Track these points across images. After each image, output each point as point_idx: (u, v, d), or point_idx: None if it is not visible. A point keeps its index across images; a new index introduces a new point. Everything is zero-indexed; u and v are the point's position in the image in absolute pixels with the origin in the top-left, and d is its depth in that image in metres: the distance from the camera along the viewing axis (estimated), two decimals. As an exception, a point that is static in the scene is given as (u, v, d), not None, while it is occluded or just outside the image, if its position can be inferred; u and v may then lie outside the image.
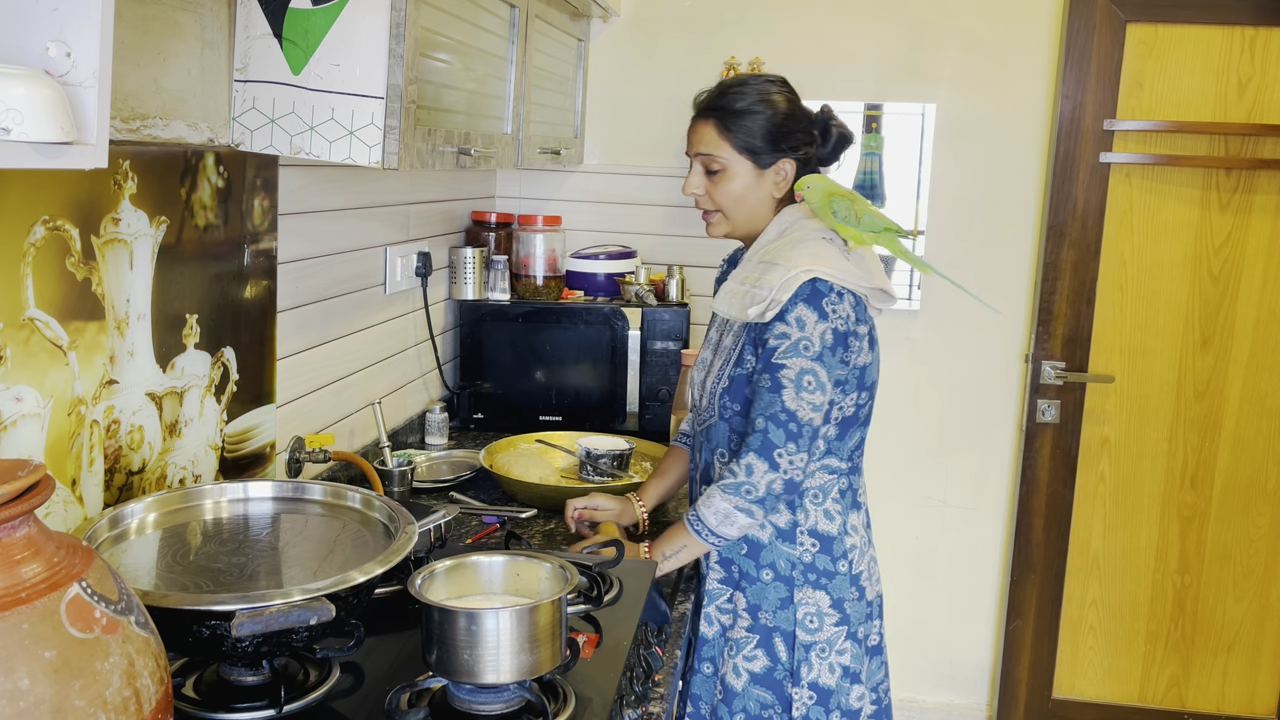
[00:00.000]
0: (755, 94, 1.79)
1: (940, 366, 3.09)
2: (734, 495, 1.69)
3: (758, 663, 1.80)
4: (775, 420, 1.68)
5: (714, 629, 1.84)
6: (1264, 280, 2.93)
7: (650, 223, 3.10)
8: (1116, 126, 2.87)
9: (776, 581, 1.79)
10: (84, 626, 0.87)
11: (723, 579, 1.84)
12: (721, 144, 1.79)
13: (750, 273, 1.77)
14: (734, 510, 1.70)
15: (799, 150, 1.81)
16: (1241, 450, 3.01)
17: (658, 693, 1.51)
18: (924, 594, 3.21)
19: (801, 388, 1.67)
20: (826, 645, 1.79)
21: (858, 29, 2.97)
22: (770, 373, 1.69)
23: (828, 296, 1.69)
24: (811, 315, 1.68)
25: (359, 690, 1.35)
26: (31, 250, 1.27)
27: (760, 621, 1.80)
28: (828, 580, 1.79)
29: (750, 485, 1.68)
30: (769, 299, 1.69)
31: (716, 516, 1.71)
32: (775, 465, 1.68)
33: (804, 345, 1.68)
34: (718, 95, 1.82)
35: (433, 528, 1.71)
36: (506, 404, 2.78)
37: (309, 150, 1.65)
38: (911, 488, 3.16)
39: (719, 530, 1.71)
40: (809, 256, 1.71)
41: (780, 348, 1.69)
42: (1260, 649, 3.10)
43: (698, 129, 1.83)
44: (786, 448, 1.67)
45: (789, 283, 1.68)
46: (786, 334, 1.69)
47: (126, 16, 1.42)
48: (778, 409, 1.68)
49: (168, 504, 1.47)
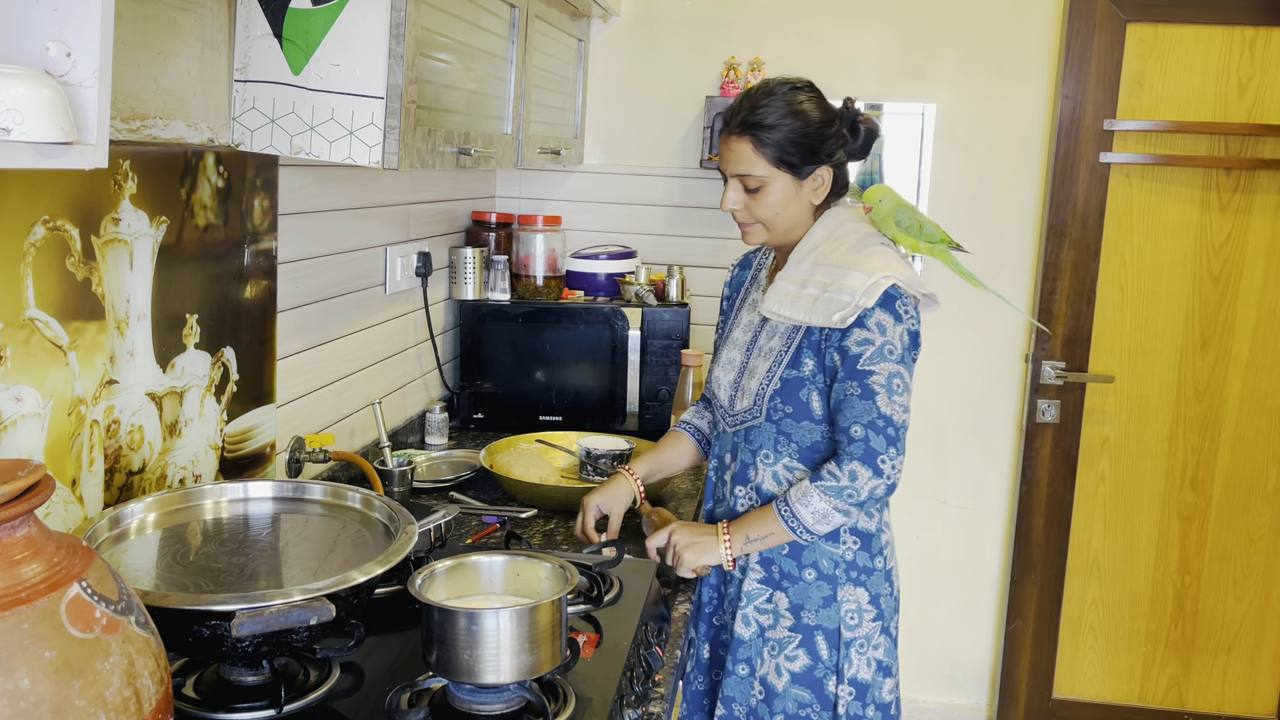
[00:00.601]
0: (786, 105, 1.76)
1: (940, 367, 3.09)
2: (835, 498, 1.71)
3: (799, 662, 1.81)
4: (874, 427, 1.70)
5: (751, 630, 1.84)
6: (1264, 280, 2.93)
7: (650, 223, 3.10)
8: (1116, 126, 2.87)
9: (819, 580, 1.80)
10: (84, 626, 0.87)
11: (763, 579, 1.83)
12: (758, 161, 1.76)
13: (812, 275, 1.76)
14: (833, 511, 1.72)
15: (833, 156, 1.80)
16: (1241, 450, 3.01)
17: (658, 693, 1.51)
18: (924, 594, 3.21)
19: (893, 391, 1.70)
20: (865, 641, 1.81)
21: (858, 29, 2.97)
22: (858, 380, 1.70)
23: (900, 300, 1.72)
24: (889, 319, 1.70)
25: (359, 690, 1.35)
26: (31, 250, 1.27)
27: (803, 621, 1.80)
28: (867, 577, 1.81)
29: (853, 490, 1.71)
30: (852, 304, 1.69)
31: (814, 516, 1.72)
32: (880, 472, 1.70)
33: (888, 349, 1.70)
34: (749, 110, 1.76)
35: (433, 528, 1.71)
36: (506, 404, 2.78)
37: (309, 150, 1.65)
38: (911, 488, 3.16)
39: (814, 528, 1.74)
40: (882, 263, 1.72)
41: (865, 354, 1.70)
42: (1260, 649, 3.10)
43: (732, 147, 1.78)
44: (888, 453, 1.70)
45: (872, 289, 1.69)
46: (870, 340, 1.70)
47: (126, 16, 1.42)
48: (875, 415, 1.70)
49: (168, 504, 1.47)
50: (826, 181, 1.80)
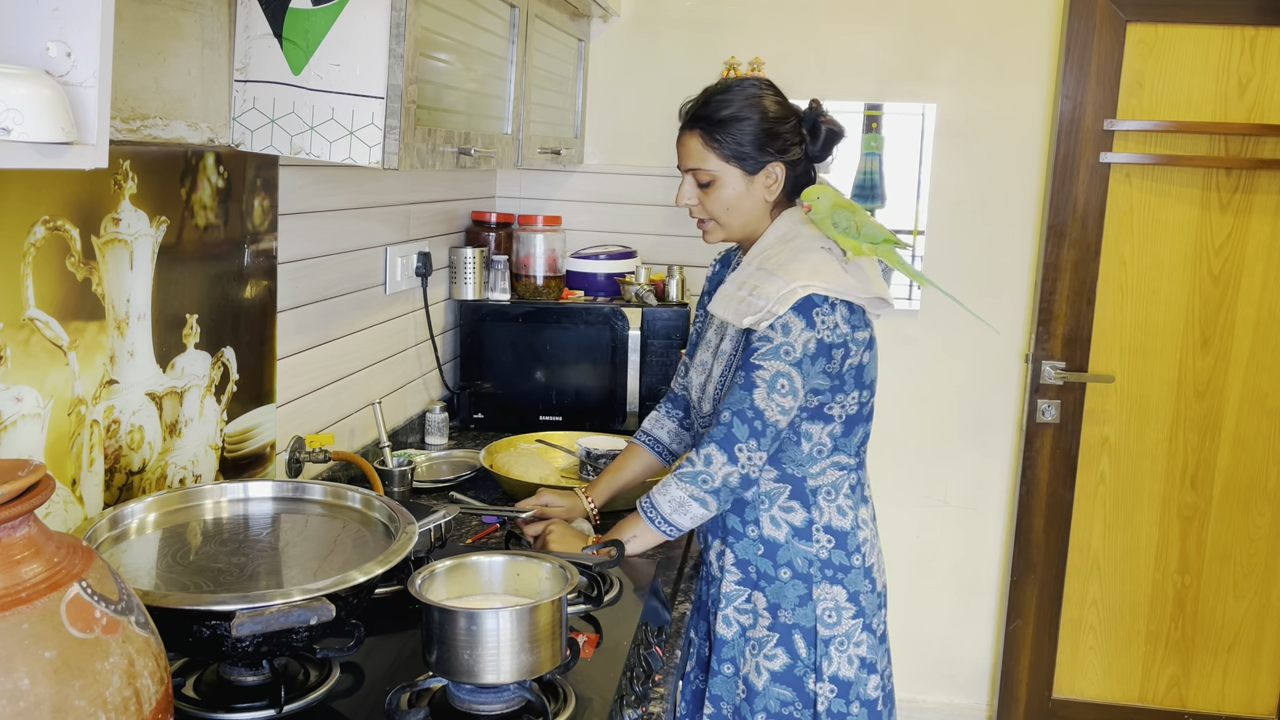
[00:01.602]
0: (739, 100, 1.78)
1: (940, 367, 3.09)
2: (690, 484, 1.71)
3: (778, 661, 1.81)
4: (741, 416, 1.70)
5: (733, 630, 1.85)
6: (1264, 280, 2.93)
7: (650, 223, 3.10)
8: (1116, 126, 2.87)
9: (795, 579, 1.80)
10: (84, 626, 0.87)
11: (740, 580, 1.84)
12: (708, 155, 1.78)
13: (749, 278, 1.77)
14: (689, 499, 1.71)
15: (787, 152, 1.80)
16: (1241, 450, 3.01)
17: (658, 693, 1.51)
18: (924, 594, 3.21)
19: (774, 389, 1.70)
20: (845, 638, 1.81)
21: (858, 29, 2.97)
22: (746, 371, 1.71)
23: (819, 308, 1.71)
24: (799, 323, 1.70)
25: (359, 690, 1.35)
26: (32, 250, 1.27)
27: (780, 620, 1.81)
28: (843, 575, 1.81)
29: (707, 475, 1.70)
30: (765, 309, 1.70)
31: (671, 504, 1.73)
32: (734, 459, 1.70)
33: (785, 350, 1.70)
34: (701, 105, 1.80)
35: (433, 528, 1.71)
36: (506, 404, 2.78)
37: (309, 150, 1.65)
38: (911, 488, 3.16)
39: (672, 518, 1.73)
40: (808, 270, 1.71)
41: (761, 349, 1.71)
42: (1260, 649, 3.10)
43: (684, 141, 1.82)
44: (748, 444, 1.69)
45: (785, 297, 1.69)
46: (769, 337, 1.70)
47: (126, 16, 1.42)
48: (746, 405, 1.70)
49: (168, 504, 1.47)
50: (780, 178, 1.81)
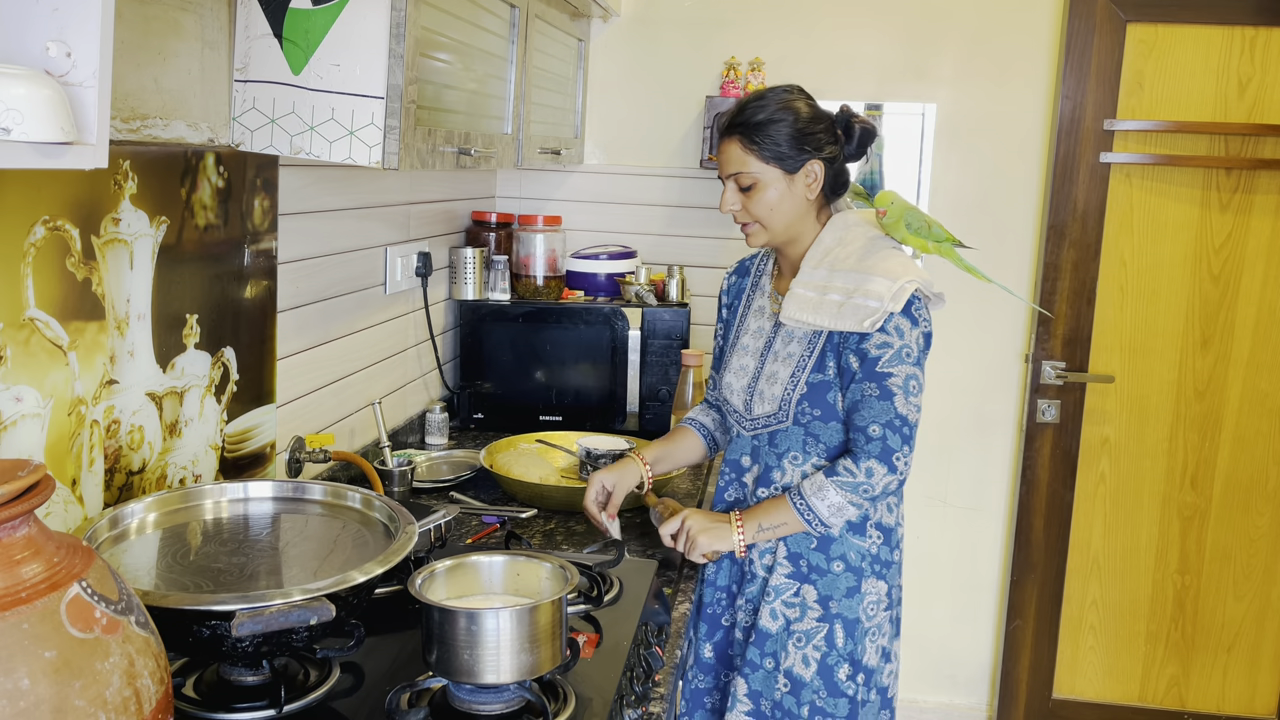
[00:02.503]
0: (774, 103, 1.82)
1: (941, 367, 3.09)
2: (852, 493, 1.77)
3: (821, 651, 1.86)
4: (891, 426, 1.76)
5: (778, 623, 1.87)
6: (1264, 280, 2.93)
7: (650, 223, 3.10)
8: (1116, 126, 2.87)
9: (847, 572, 1.85)
10: (84, 626, 0.87)
11: (791, 574, 1.87)
12: (748, 158, 1.81)
13: (832, 281, 1.81)
14: (848, 505, 1.78)
15: (824, 150, 1.83)
16: (1241, 450, 3.01)
17: (658, 693, 1.51)
18: (924, 594, 3.21)
19: (909, 392, 1.77)
20: (877, 630, 1.88)
21: (858, 29, 2.97)
22: (877, 381, 1.76)
23: (916, 304, 1.78)
24: (907, 323, 1.76)
25: (359, 690, 1.35)
26: (32, 250, 1.27)
27: (830, 610, 1.85)
28: (886, 569, 1.88)
29: (869, 485, 1.77)
30: (881, 309, 1.74)
31: (829, 509, 1.78)
32: (894, 469, 1.77)
33: (905, 352, 1.76)
34: (738, 112, 1.84)
35: (433, 528, 1.71)
36: (506, 404, 2.78)
37: (309, 150, 1.65)
38: (912, 488, 3.16)
39: (829, 520, 1.80)
40: (901, 268, 1.78)
41: (884, 356, 1.76)
42: (1260, 649, 3.10)
43: (724, 149, 1.85)
44: (902, 451, 1.77)
45: (898, 294, 1.75)
46: (889, 343, 1.76)
47: (126, 16, 1.42)
48: (892, 415, 1.76)
49: (168, 504, 1.47)
50: (819, 176, 1.84)
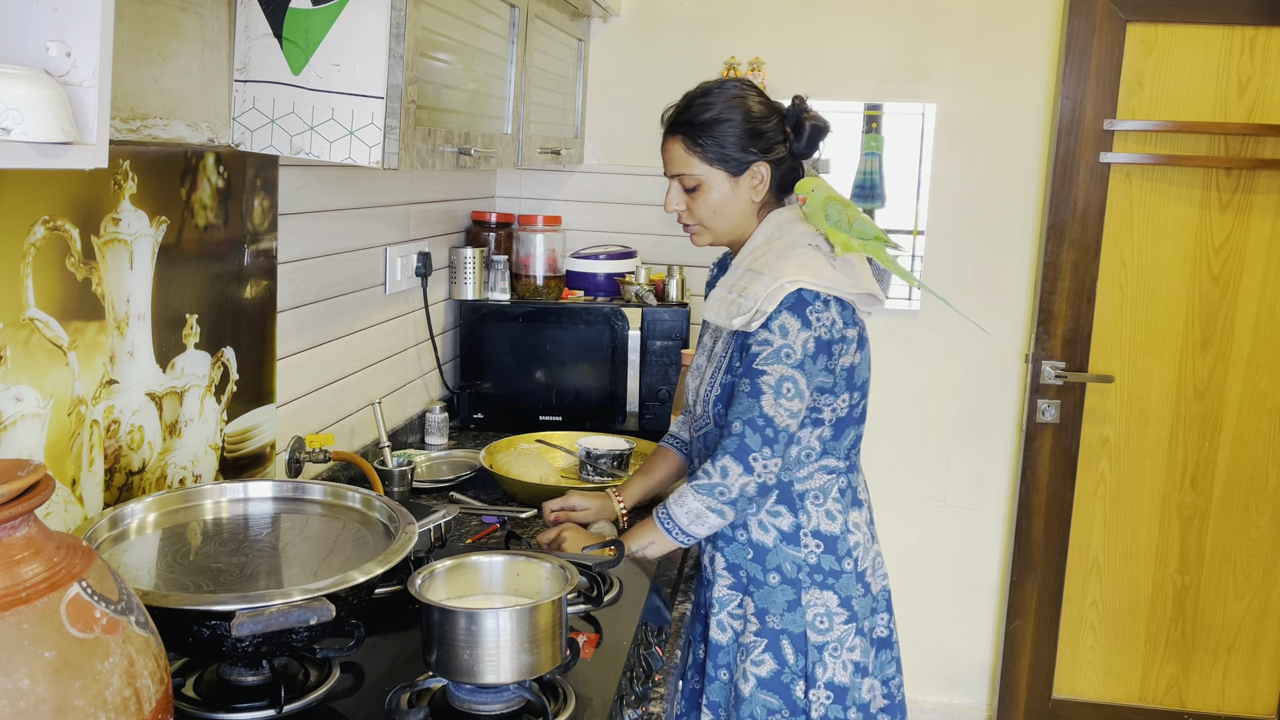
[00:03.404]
0: (721, 101, 1.77)
1: (940, 367, 3.09)
2: (707, 496, 1.72)
3: (765, 667, 1.80)
4: (753, 425, 1.69)
5: (727, 635, 1.84)
6: (1264, 280, 2.93)
7: (650, 223, 3.10)
8: (1116, 126, 2.87)
9: (783, 584, 1.79)
10: (84, 626, 0.87)
11: (731, 585, 1.84)
12: (691, 160, 1.78)
13: (738, 280, 1.77)
14: (706, 510, 1.72)
15: (771, 151, 1.79)
16: (1241, 450, 3.01)
17: (658, 693, 1.51)
18: (924, 594, 3.21)
19: (780, 394, 1.69)
20: (838, 644, 1.79)
21: (858, 29, 2.97)
22: (750, 378, 1.71)
23: (812, 305, 1.70)
24: (795, 323, 1.69)
25: (359, 690, 1.35)
26: (31, 250, 1.27)
27: (768, 625, 1.80)
28: (834, 580, 1.80)
29: (724, 487, 1.71)
30: (754, 309, 1.69)
31: (688, 516, 1.73)
32: (750, 469, 1.70)
33: (785, 353, 1.69)
34: (682, 110, 1.80)
35: (433, 528, 1.71)
36: (506, 404, 2.78)
37: (309, 150, 1.65)
38: (911, 488, 3.16)
39: (689, 529, 1.74)
40: (795, 266, 1.71)
41: (762, 354, 1.70)
42: (1260, 649, 3.10)
43: (667, 147, 1.81)
44: (761, 452, 1.70)
45: (774, 294, 1.69)
46: (769, 340, 1.70)
47: (126, 16, 1.42)
48: (755, 414, 1.69)
49: (168, 504, 1.47)
50: (765, 178, 1.80)
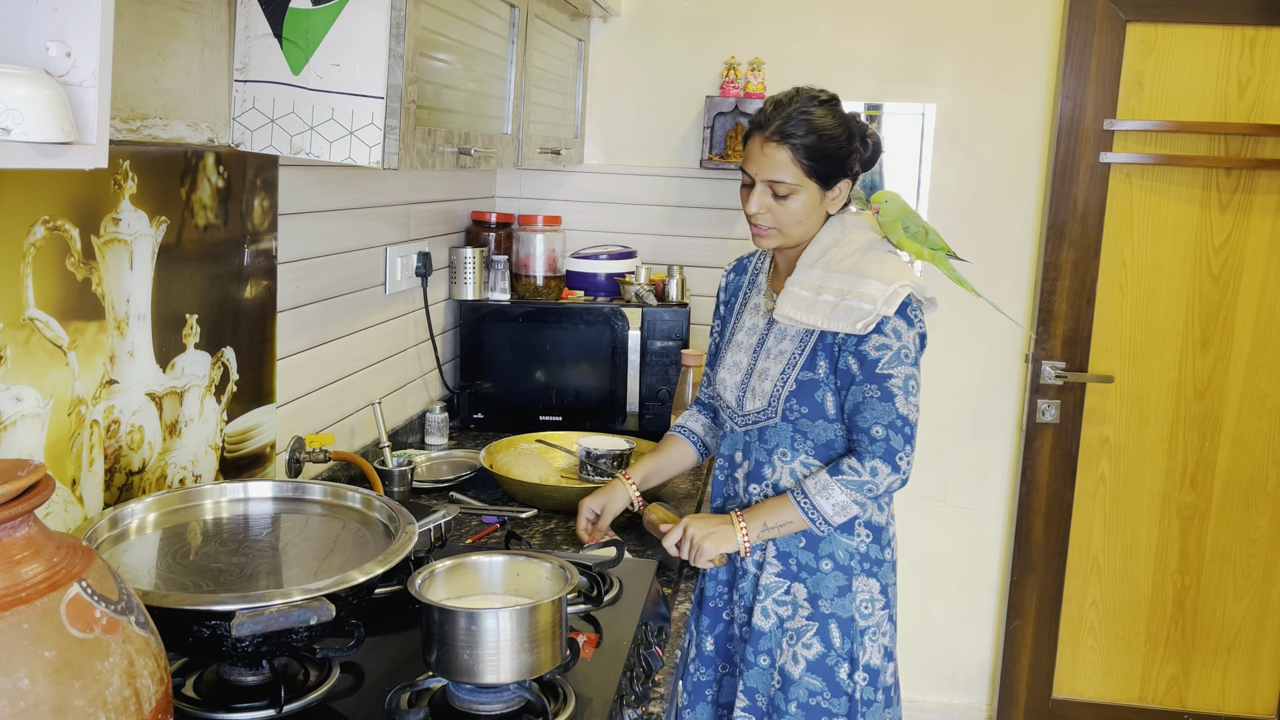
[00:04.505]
0: (821, 119, 1.80)
1: (940, 367, 3.09)
2: (856, 492, 1.79)
3: (814, 650, 1.87)
4: (894, 428, 1.78)
5: (771, 621, 1.89)
6: (1264, 280, 2.93)
7: (650, 223, 3.10)
8: (1116, 126, 2.87)
9: (836, 571, 1.87)
10: (84, 626, 0.87)
11: (780, 572, 1.89)
12: (793, 169, 1.80)
13: (827, 282, 1.81)
14: (852, 503, 1.80)
15: (853, 169, 1.86)
16: (1241, 450, 3.01)
17: (658, 693, 1.51)
18: (924, 594, 3.21)
19: (909, 393, 1.78)
20: (875, 629, 1.88)
21: (858, 29, 2.97)
22: (878, 383, 1.77)
23: (911, 306, 1.80)
24: (903, 325, 1.78)
25: (359, 690, 1.35)
26: (31, 250, 1.27)
27: (820, 609, 1.87)
28: (877, 568, 1.89)
29: (873, 485, 1.79)
30: (874, 312, 1.75)
31: (834, 508, 1.80)
32: (898, 468, 1.79)
33: (904, 353, 1.78)
34: (786, 120, 1.79)
35: (433, 528, 1.71)
36: (506, 404, 2.78)
37: (309, 150, 1.65)
38: (911, 488, 3.16)
39: (831, 519, 1.81)
40: (896, 271, 1.79)
41: (883, 359, 1.77)
42: (1260, 649, 3.10)
43: (768, 153, 1.80)
44: (905, 450, 1.79)
45: (892, 298, 1.76)
46: (888, 345, 1.77)
47: (126, 16, 1.42)
48: (894, 417, 1.77)
49: (168, 504, 1.47)
50: (845, 193, 1.88)
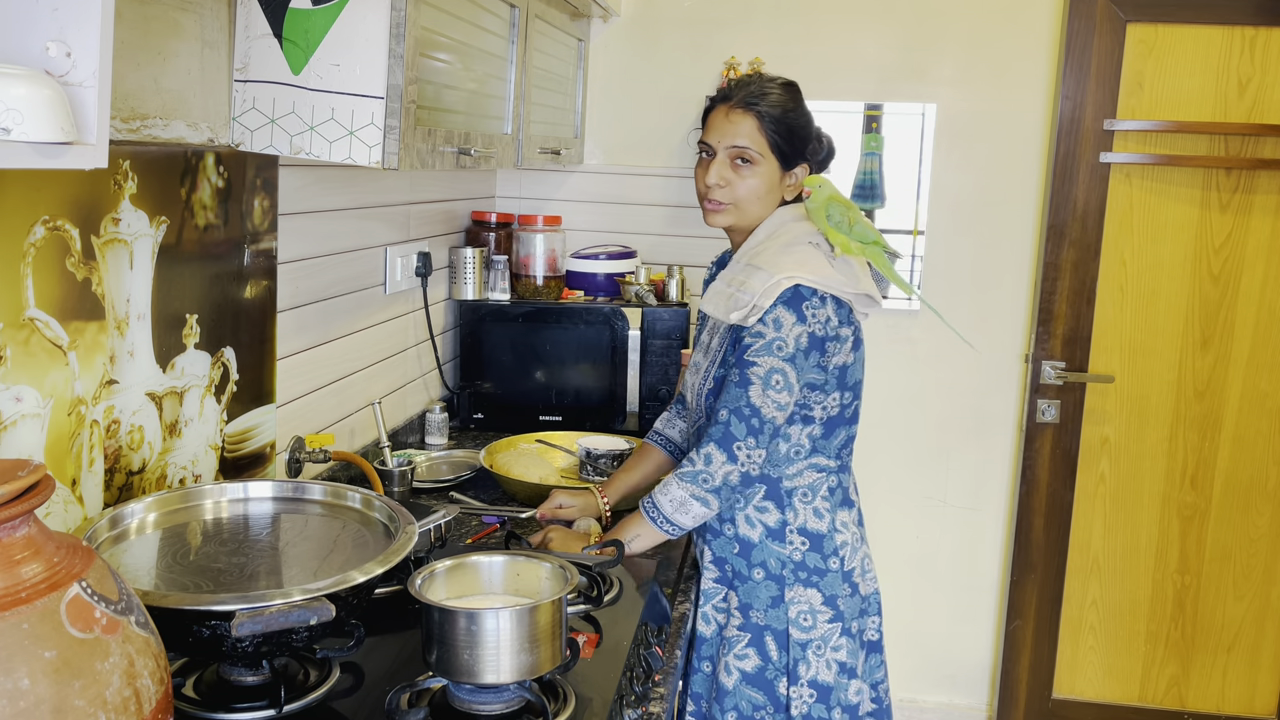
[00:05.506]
0: (790, 99, 1.82)
1: (940, 367, 3.09)
2: (690, 483, 1.72)
3: (749, 662, 1.81)
4: (739, 414, 1.71)
5: (711, 628, 1.86)
6: (1264, 280, 2.93)
7: (650, 223, 3.10)
8: (1116, 126, 2.87)
9: (767, 580, 1.80)
10: (84, 626, 0.87)
11: (717, 578, 1.85)
12: (759, 138, 1.79)
13: (736, 275, 1.79)
14: (690, 499, 1.73)
15: (809, 159, 1.86)
16: (1241, 450, 3.01)
17: (658, 693, 1.51)
18: (924, 594, 3.21)
19: (769, 386, 1.70)
20: (821, 642, 1.80)
21: (858, 29, 2.97)
22: (740, 368, 1.72)
23: (809, 301, 1.72)
24: (790, 317, 1.71)
25: (359, 690, 1.35)
26: (32, 250, 1.27)
27: (751, 620, 1.81)
28: (819, 578, 1.80)
29: (707, 474, 1.72)
30: (751, 304, 1.71)
31: (672, 504, 1.74)
32: (734, 458, 1.71)
33: (777, 345, 1.71)
34: (758, 94, 1.80)
35: (433, 528, 1.71)
36: (506, 404, 2.78)
37: (309, 150, 1.65)
38: (911, 488, 3.16)
39: (673, 518, 1.74)
40: (794, 263, 1.73)
41: (754, 346, 1.72)
42: (1260, 649, 3.10)
43: (734, 120, 1.80)
44: (746, 441, 1.71)
45: (771, 289, 1.71)
46: (762, 333, 1.72)
47: (126, 16, 1.42)
48: (742, 403, 1.71)
49: (168, 504, 1.47)
50: (799, 181, 1.85)
